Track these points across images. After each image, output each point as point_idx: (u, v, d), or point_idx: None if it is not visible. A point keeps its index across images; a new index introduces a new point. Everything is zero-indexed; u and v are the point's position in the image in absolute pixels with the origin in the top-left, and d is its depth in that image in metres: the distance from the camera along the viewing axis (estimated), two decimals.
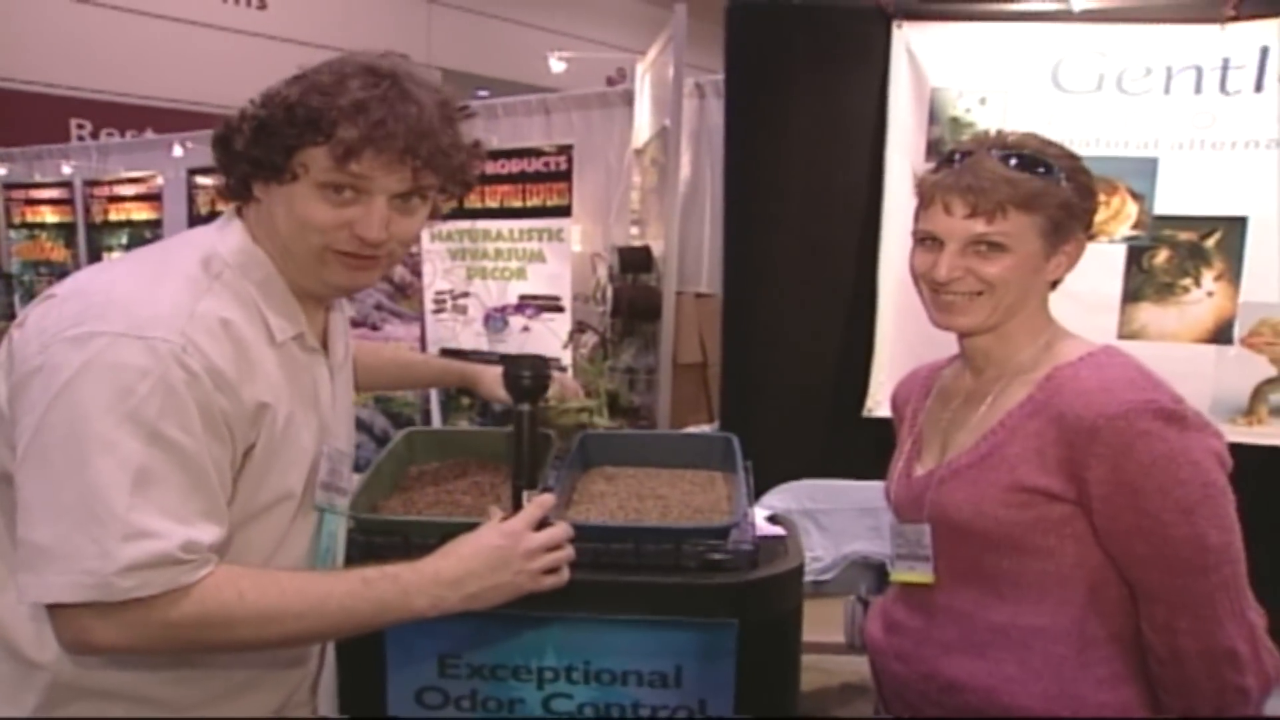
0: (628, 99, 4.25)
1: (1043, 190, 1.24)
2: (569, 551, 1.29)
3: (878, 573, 2.72)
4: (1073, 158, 1.30)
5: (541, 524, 1.27)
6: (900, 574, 1.40)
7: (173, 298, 1.06)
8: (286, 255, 1.18)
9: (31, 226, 6.35)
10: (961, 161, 1.28)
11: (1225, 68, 2.72)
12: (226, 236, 1.18)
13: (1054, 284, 1.33)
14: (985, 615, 1.29)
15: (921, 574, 1.36)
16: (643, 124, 4.11)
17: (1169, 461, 1.14)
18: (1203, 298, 2.81)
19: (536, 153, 3.96)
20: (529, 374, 1.37)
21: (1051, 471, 1.21)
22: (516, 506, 1.30)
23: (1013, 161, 1.25)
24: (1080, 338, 1.32)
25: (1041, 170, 1.25)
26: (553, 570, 1.27)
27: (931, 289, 1.31)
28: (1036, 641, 1.25)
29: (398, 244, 1.20)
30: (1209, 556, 1.15)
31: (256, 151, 1.13)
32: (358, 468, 1.79)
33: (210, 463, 1.04)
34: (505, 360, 1.44)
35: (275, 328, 1.16)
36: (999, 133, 1.32)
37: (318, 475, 1.25)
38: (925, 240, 1.31)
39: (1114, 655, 1.23)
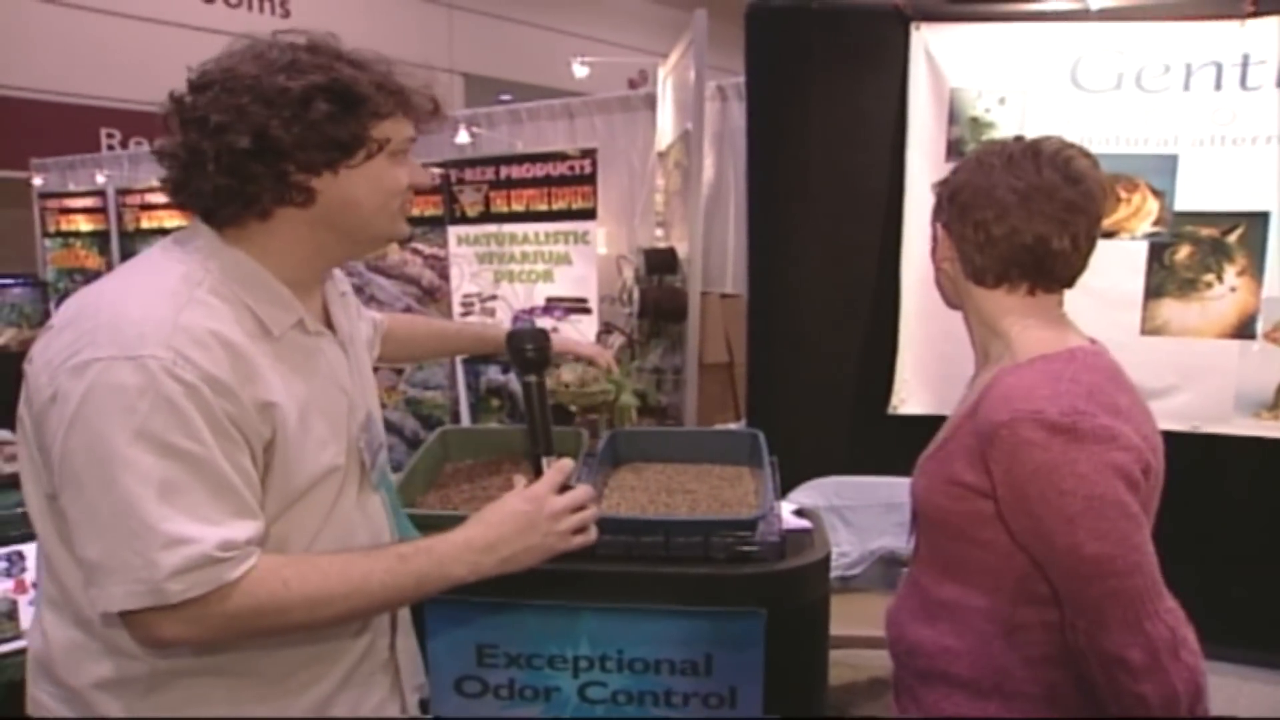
0: (650, 102, 4.29)
1: (941, 181, 1.38)
2: (594, 511, 1.33)
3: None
4: (985, 153, 1.35)
5: (564, 488, 1.32)
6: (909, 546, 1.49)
7: (155, 315, 1.07)
8: (350, 233, 1.23)
9: (66, 235, 6.48)
10: None
11: (1245, 64, 2.74)
12: (200, 245, 1.18)
13: (979, 278, 1.36)
14: (937, 591, 1.36)
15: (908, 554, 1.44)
16: (665, 127, 4.16)
17: (1050, 471, 1.17)
18: (1225, 293, 2.83)
19: (560, 156, 4.02)
20: (531, 346, 1.42)
21: (978, 469, 1.26)
22: (537, 473, 1.34)
23: None
24: (1062, 335, 1.33)
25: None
26: (581, 531, 1.31)
27: None
28: (972, 619, 1.31)
29: None
30: (1085, 567, 1.17)
31: (339, 133, 1.14)
32: (393, 468, 1.84)
33: (228, 464, 1.08)
34: (509, 335, 1.48)
35: (270, 321, 1.18)
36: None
37: (361, 452, 1.30)
38: None
39: (1045, 640, 1.27)
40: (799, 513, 1.81)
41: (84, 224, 6.35)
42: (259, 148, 1.12)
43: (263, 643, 1.20)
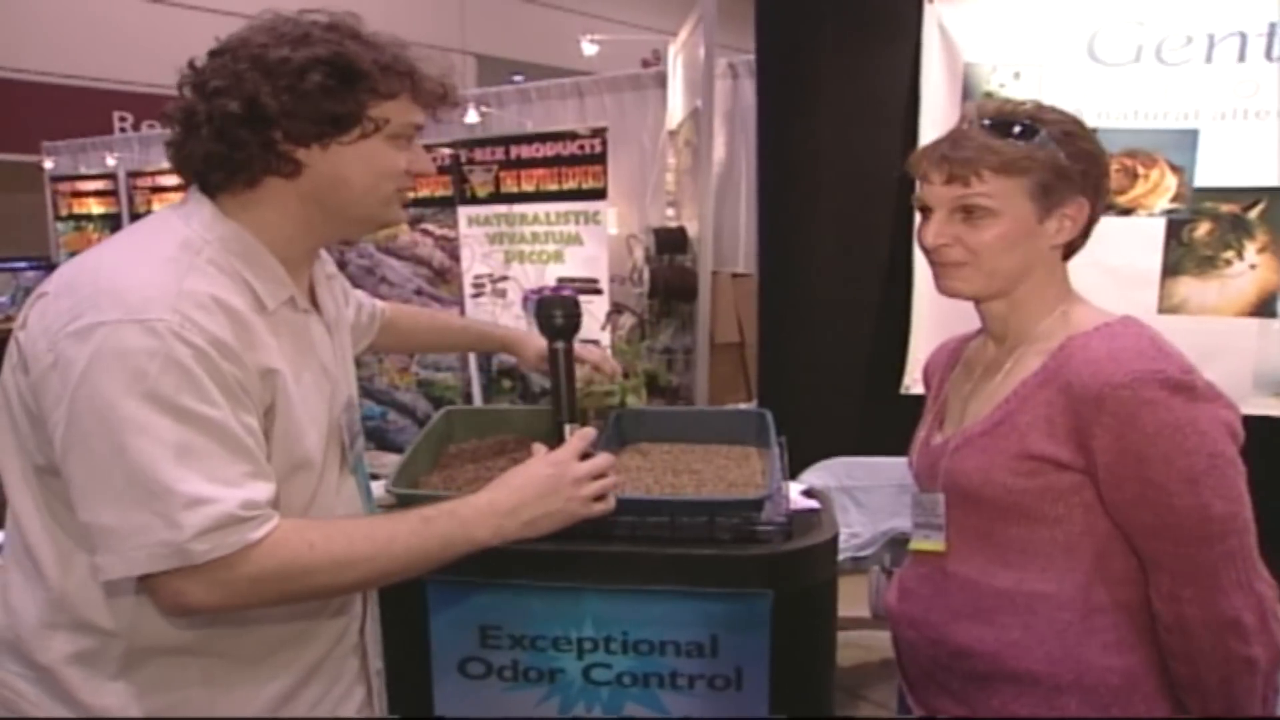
0: (660, 81, 4.26)
1: (1024, 153, 1.24)
2: (614, 479, 1.33)
3: (900, 544, 2.72)
4: (1071, 123, 1.28)
5: (585, 456, 1.31)
6: (917, 543, 1.42)
7: (158, 279, 1.07)
8: (342, 211, 1.21)
9: (78, 218, 6.50)
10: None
11: (1272, 34, 2.66)
12: (198, 215, 1.18)
13: (1068, 253, 1.32)
14: (991, 582, 1.29)
15: (935, 543, 1.37)
16: (676, 105, 4.12)
17: (1174, 430, 1.14)
18: (1245, 270, 2.77)
19: (571, 136, 3.99)
20: (560, 313, 1.41)
21: (1060, 440, 1.21)
22: (559, 440, 1.33)
23: (993, 128, 1.27)
24: (1099, 309, 1.31)
25: (1023, 135, 1.25)
26: (601, 499, 1.31)
27: (929, 258, 1.32)
28: (1041, 607, 1.25)
29: None
30: (1213, 526, 1.15)
31: (330, 106, 1.13)
32: (399, 449, 1.83)
33: (240, 427, 1.08)
34: (539, 301, 1.48)
35: (265, 295, 1.18)
36: (993, 102, 1.33)
37: (342, 433, 1.29)
38: (923, 211, 1.33)
39: (1120, 622, 1.23)
40: (808, 493, 1.79)
41: (95, 207, 6.38)
42: (248, 114, 1.12)
43: (239, 622, 1.19)
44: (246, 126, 1.13)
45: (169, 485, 1.01)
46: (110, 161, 6.33)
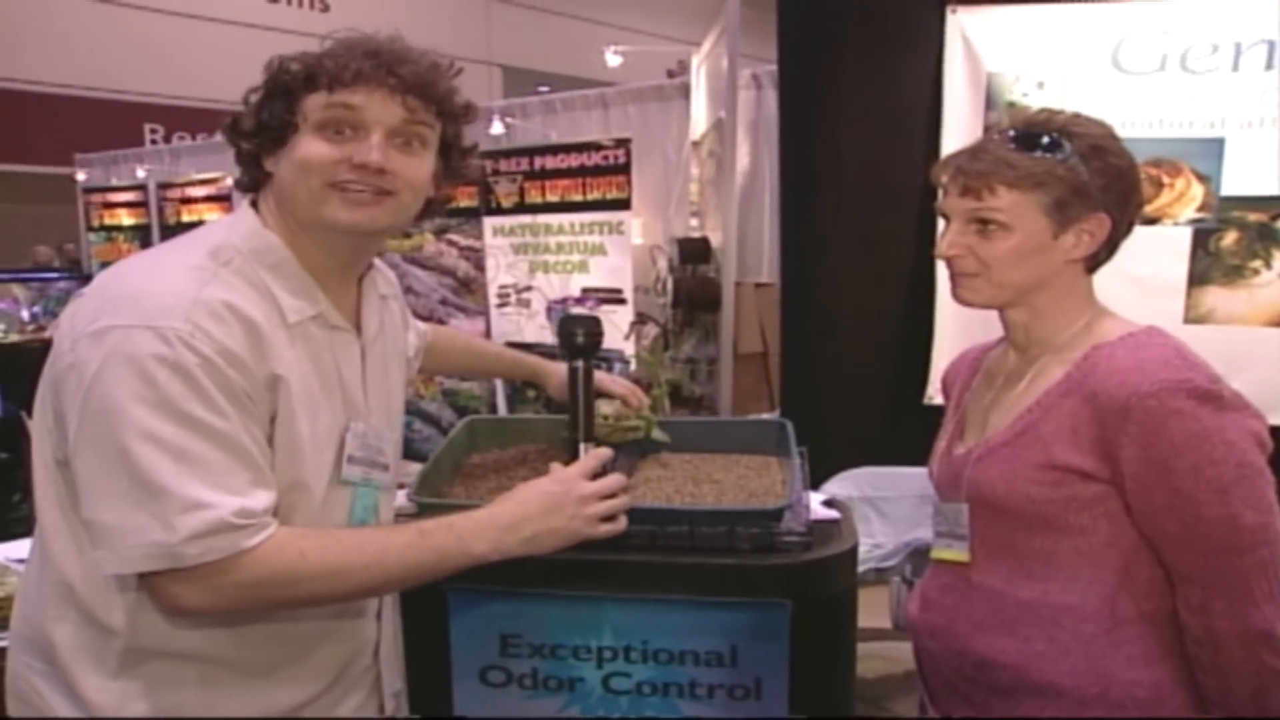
0: (684, 91, 4.27)
1: (1043, 169, 1.23)
2: (624, 500, 1.33)
3: (922, 554, 2.71)
4: (1102, 136, 1.27)
5: (598, 476, 1.31)
6: (939, 552, 1.42)
7: (178, 287, 1.11)
8: (294, 214, 1.21)
9: (109, 229, 6.60)
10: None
11: None
12: (238, 225, 1.22)
13: (1093, 265, 1.32)
14: (1015, 593, 1.29)
15: (958, 552, 1.36)
16: (699, 116, 4.13)
17: (1202, 440, 1.13)
18: (1273, 280, 2.74)
19: (595, 146, 4.01)
20: (582, 331, 1.42)
21: (1085, 450, 1.20)
22: (574, 458, 1.34)
23: (1016, 140, 1.26)
24: (1124, 319, 1.30)
25: (1045, 149, 1.24)
26: (610, 519, 1.31)
27: (946, 266, 1.33)
28: (1066, 619, 1.25)
29: (405, 187, 1.21)
30: (1243, 537, 1.14)
31: (264, 115, 1.18)
32: (423, 458, 1.84)
33: (246, 436, 1.10)
34: (560, 320, 1.49)
35: (289, 309, 1.20)
36: (1024, 114, 1.33)
37: (344, 452, 1.28)
38: (945, 219, 1.34)
39: (1146, 634, 1.22)
40: (828, 503, 1.78)
41: (126, 218, 6.47)
42: (234, 134, 1.23)
43: (239, 631, 1.20)
44: (238, 145, 1.23)
45: (167, 488, 1.04)
46: (141, 173, 6.42)
